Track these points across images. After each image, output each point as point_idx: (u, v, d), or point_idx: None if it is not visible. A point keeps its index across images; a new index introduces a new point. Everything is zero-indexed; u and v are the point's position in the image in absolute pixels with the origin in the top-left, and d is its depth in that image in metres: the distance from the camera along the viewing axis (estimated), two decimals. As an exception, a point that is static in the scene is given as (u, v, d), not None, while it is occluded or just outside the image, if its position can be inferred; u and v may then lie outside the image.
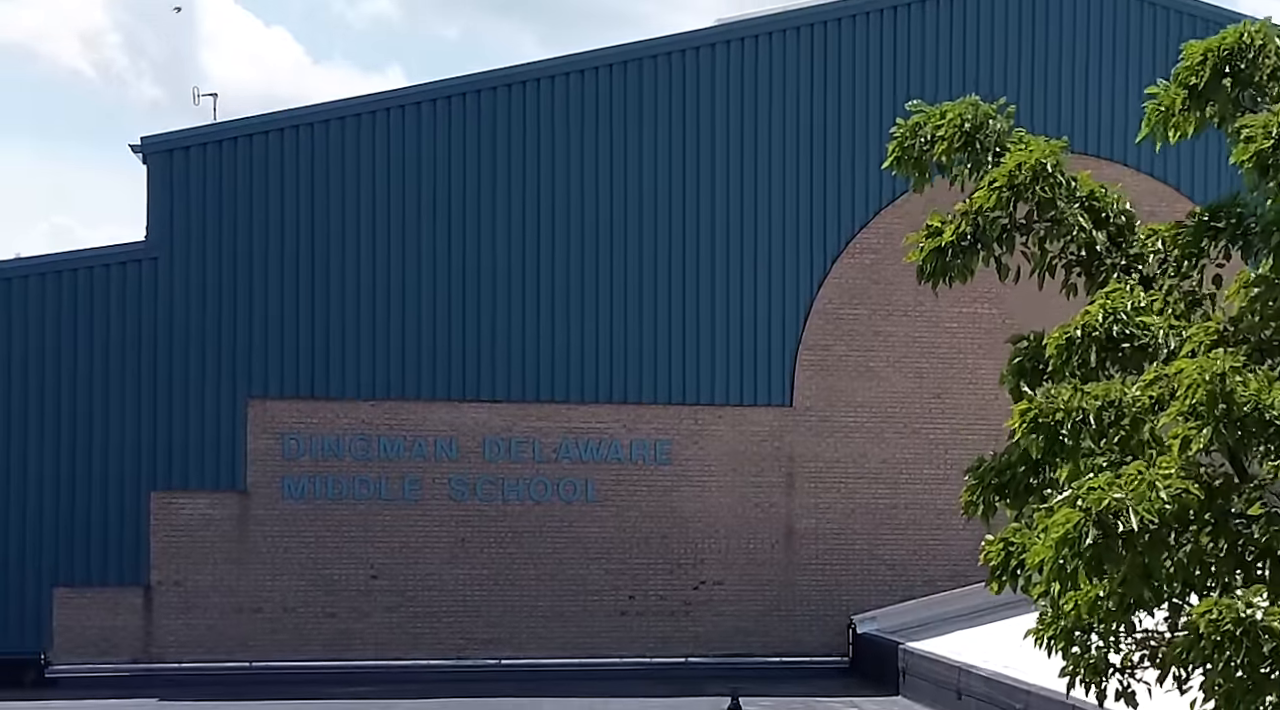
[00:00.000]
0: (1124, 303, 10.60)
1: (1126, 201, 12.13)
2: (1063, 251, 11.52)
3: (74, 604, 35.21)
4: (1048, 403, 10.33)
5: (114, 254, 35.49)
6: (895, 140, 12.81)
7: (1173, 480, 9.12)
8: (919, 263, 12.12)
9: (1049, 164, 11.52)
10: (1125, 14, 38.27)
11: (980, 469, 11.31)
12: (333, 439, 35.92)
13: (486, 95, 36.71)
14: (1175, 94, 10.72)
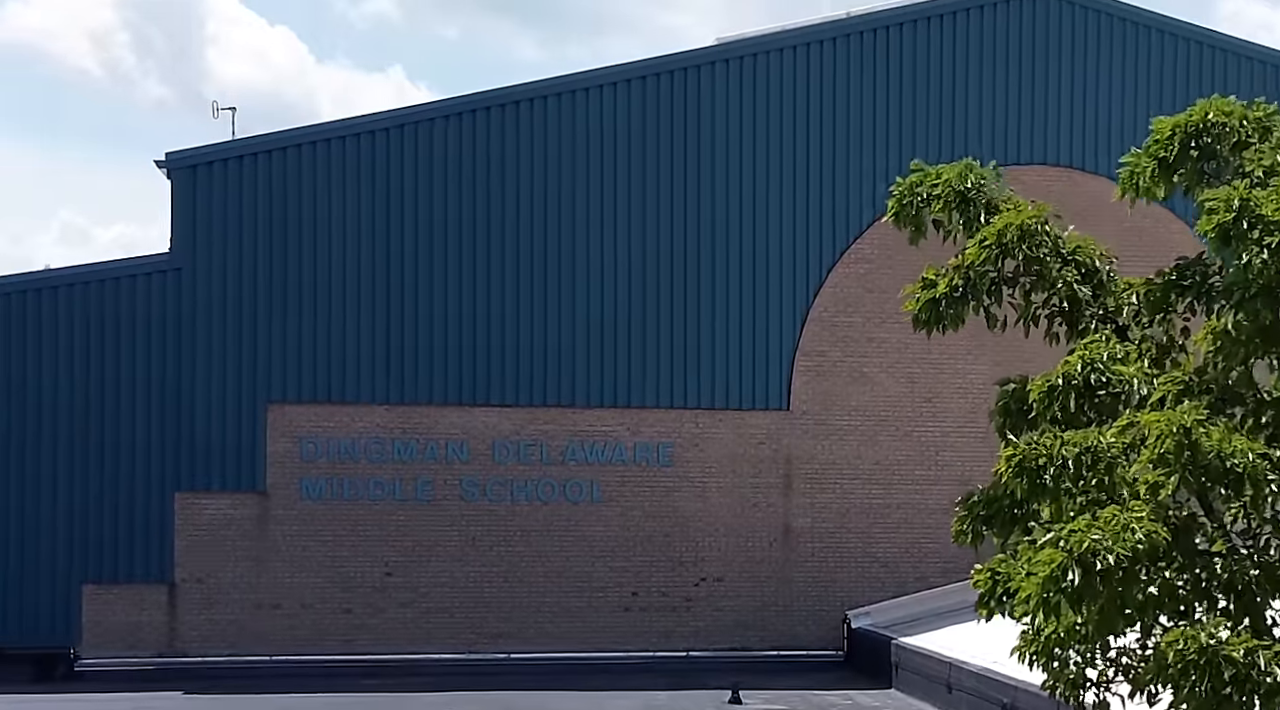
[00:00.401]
0: (1101, 353, 11.14)
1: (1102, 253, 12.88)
2: (1046, 302, 11.99)
3: (102, 600, 35.49)
4: (1031, 449, 10.76)
5: (139, 265, 35.68)
6: (895, 197, 13.38)
7: (1144, 522, 9.64)
8: (915, 312, 12.63)
9: (1036, 224, 12.15)
10: (1109, 34, 38.47)
11: (970, 502, 11.76)
12: (349, 442, 36.17)
13: (495, 112, 36.84)
14: (1146, 164, 11.34)
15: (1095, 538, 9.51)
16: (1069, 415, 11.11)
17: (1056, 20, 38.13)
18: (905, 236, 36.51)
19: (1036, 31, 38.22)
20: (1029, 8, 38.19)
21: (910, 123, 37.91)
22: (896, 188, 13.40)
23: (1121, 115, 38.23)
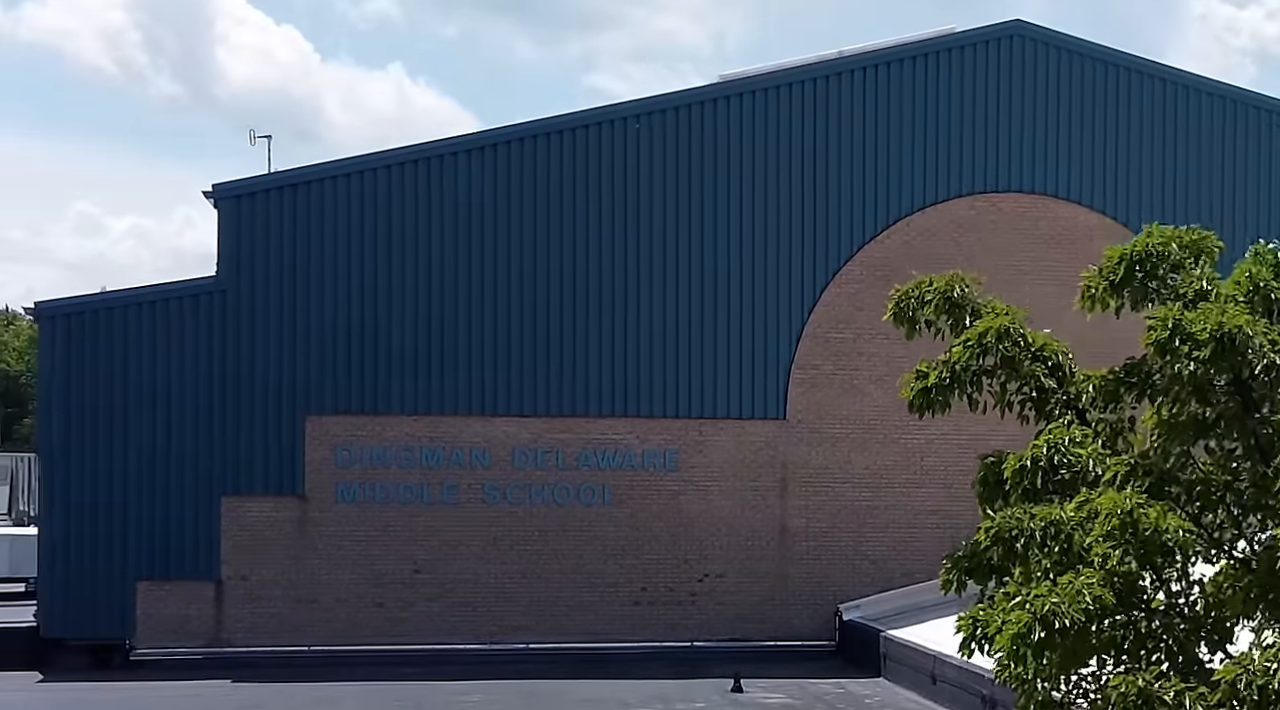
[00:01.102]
0: (1063, 437, 12.21)
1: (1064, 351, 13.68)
2: (1018, 391, 13.05)
3: (154, 595, 36.21)
4: (1005, 522, 11.88)
5: (189, 288, 36.31)
6: (893, 300, 14.28)
7: (1094, 588, 10.78)
8: (910, 399, 13.55)
9: (1011, 327, 13.14)
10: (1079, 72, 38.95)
11: (955, 556, 12.73)
12: (380, 450, 36.88)
13: (514, 146, 37.47)
14: (1100, 283, 12.52)
15: (1054, 602, 10.69)
16: (1036, 490, 12.19)
17: (1031, 60, 38.60)
18: (891, 259, 37.09)
19: (1013, 70, 38.70)
20: (1005, 48, 38.69)
21: (897, 154, 38.38)
22: (896, 292, 14.30)
23: (1091, 147, 38.89)
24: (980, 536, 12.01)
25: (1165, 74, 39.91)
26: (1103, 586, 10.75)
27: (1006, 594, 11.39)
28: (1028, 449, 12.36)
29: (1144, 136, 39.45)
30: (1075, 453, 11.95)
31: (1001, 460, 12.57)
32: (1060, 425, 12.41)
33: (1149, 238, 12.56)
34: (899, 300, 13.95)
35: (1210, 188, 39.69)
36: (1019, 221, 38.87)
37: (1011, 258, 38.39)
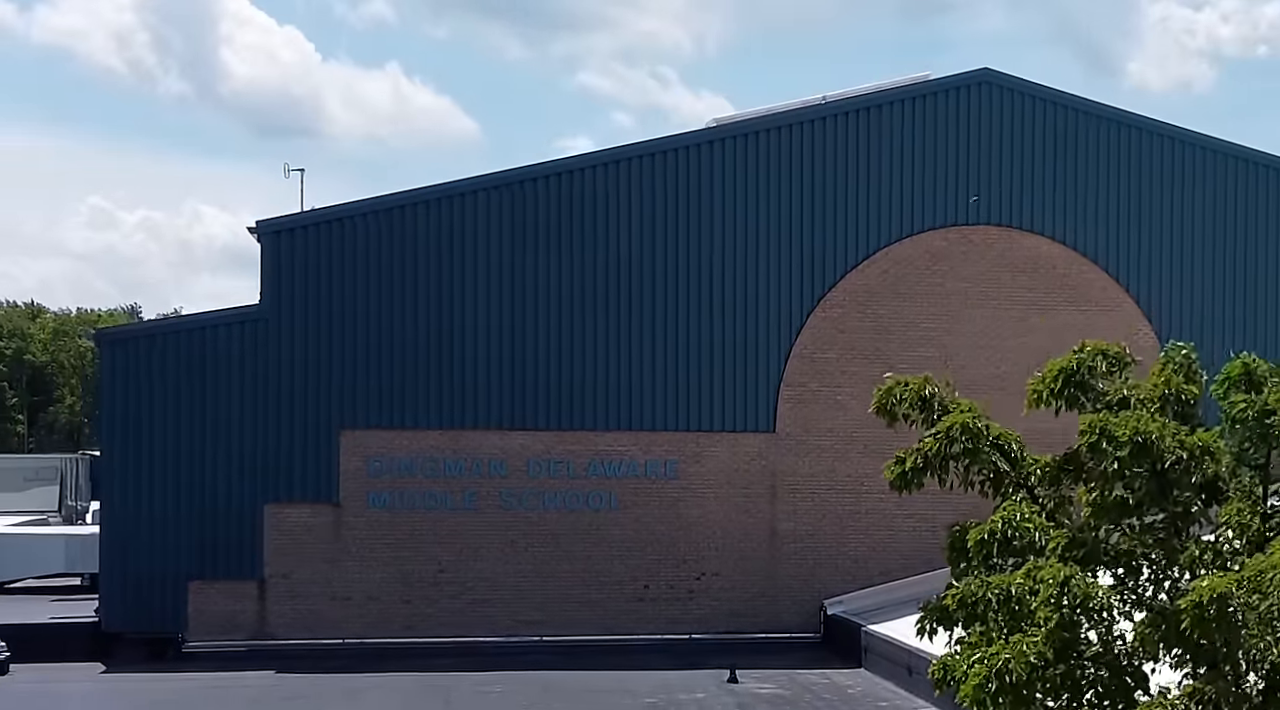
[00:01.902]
0: (1015, 513, 13.40)
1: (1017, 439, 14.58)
2: (979, 472, 14.17)
3: (204, 593, 36.95)
4: (967, 590, 13.17)
5: (235, 316, 37.12)
6: (876, 397, 15.14)
7: (1036, 646, 12.15)
8: (891, 479, 14.54)
9: (971, 422, 14.15)
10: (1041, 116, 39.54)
11: (929, 606, 13.93)
12: (408, 460, 37.50)
13: (529, 185, 38.14)
14: (1043, 389, 13.83)
15: (1006, 657, 12.11)
16: (993, 562, 13.44)
17: (999, 105, 39.22)
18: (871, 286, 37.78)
19: (981, 114, 39.28)
20: (974, 94, 39.36)
21: (876, 190, 38.98)
22: (878, 391, 15.24)
23: (1052, 184, 39.52)
24: (948, 600, 13.32)
25: (1117, 116, 40.34)
26: (1045, 643, 12.07)
27: (970, 644, 12.76)
28: (987, 523, 13.57)
29: (1099, 174, 39.95)
30: (1024, 526, 13.20)
31: (966, 530, 13.81)
32: (1013, 502, 13.67)
33: (1080, 353, 13.87)
34: (881, 398, 14.89)
35: (1157, 220, 40.22)
36: (988, 251, 39.43)
37: (981, 284, 39.24)
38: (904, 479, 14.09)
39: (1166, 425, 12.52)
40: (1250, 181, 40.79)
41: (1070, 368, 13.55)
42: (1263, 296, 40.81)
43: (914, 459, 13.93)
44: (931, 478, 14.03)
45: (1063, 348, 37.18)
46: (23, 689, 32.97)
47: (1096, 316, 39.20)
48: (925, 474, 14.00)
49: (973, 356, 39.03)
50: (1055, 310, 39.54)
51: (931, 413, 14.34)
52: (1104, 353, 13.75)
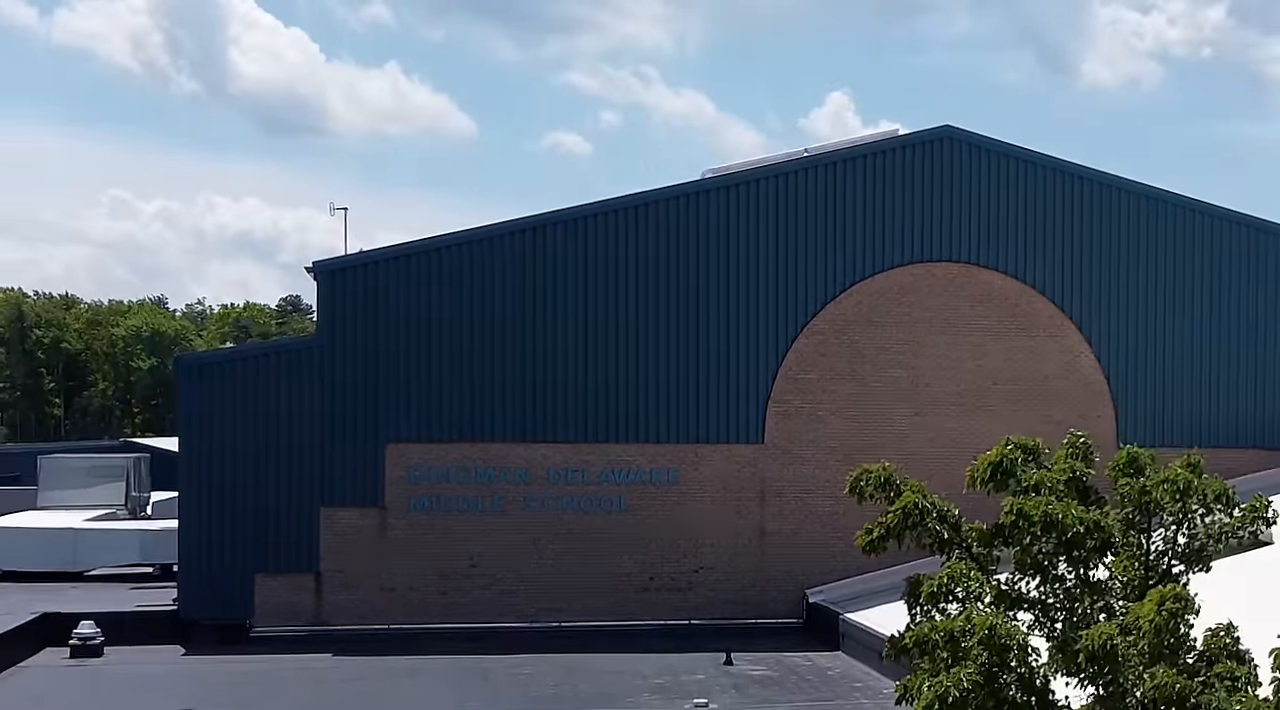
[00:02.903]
0: (958, 570, 15.44)
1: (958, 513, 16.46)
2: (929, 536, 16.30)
3: (269, 585, 37.97)
4: (919, 632, 15.13)
5: (295, 345, 38.86)
6: (850, 480, 17.04)
7: (971, 675, 14.17)
8: (862, 545, 16.68)
9: (919, 501, 16.14)
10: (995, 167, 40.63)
11: (894, 641, 16.00)
12: (444, 469, 38.48)
13: (549, 228, 39.07)
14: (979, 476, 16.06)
15: (948, 685, 14.17)
16: (944, 606, 15.42)
17: (958, 157, 40.27)
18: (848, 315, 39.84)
19: (943, 165, 40.24)
20: (937, 148, 40.36)
21: (853, 232, 39.91)
22: (849, 476, 17.12)
23: (1006, 225, 40.58)
24: (907, 640, 15.46)
25: (1060, 166, 41.01)
26: (977, 674, 14.29)
27: (923, 669, 15.03)
28: (936, 576, 15.64)
29: (1046, 216, 40.81)
30: (964, 580, 15.40)
31: (920, 582, 15.88)
32: (956, 561, 15.87)
33: (1004, 448, 16.07)
34: (853, 482, 16.88)
35: (1097, 256, 40.91)
36: (949, 285, 40.35)
37: (943, 313, 40.26)
38: (872, 545, 16.50)
39: (1069, 504, 15.13)
40: (1178, 222, 41.50)
41: (997, 461, 15.96)
42: (1189, 321, 41.55)
43: (879, 530, 16.32)
44: (893, 543, 16.31)
45: (1014, 368, 39.06)
46: (116, 670, 34.10)
47: (1043, 341, 40.62)
48: (888, 540, 16.31)
49: (936, 376, 40.38)
50: (1008, 336, 40.56)
51: (891, 493, 16.45)
52: (1023, 447, 16.09)
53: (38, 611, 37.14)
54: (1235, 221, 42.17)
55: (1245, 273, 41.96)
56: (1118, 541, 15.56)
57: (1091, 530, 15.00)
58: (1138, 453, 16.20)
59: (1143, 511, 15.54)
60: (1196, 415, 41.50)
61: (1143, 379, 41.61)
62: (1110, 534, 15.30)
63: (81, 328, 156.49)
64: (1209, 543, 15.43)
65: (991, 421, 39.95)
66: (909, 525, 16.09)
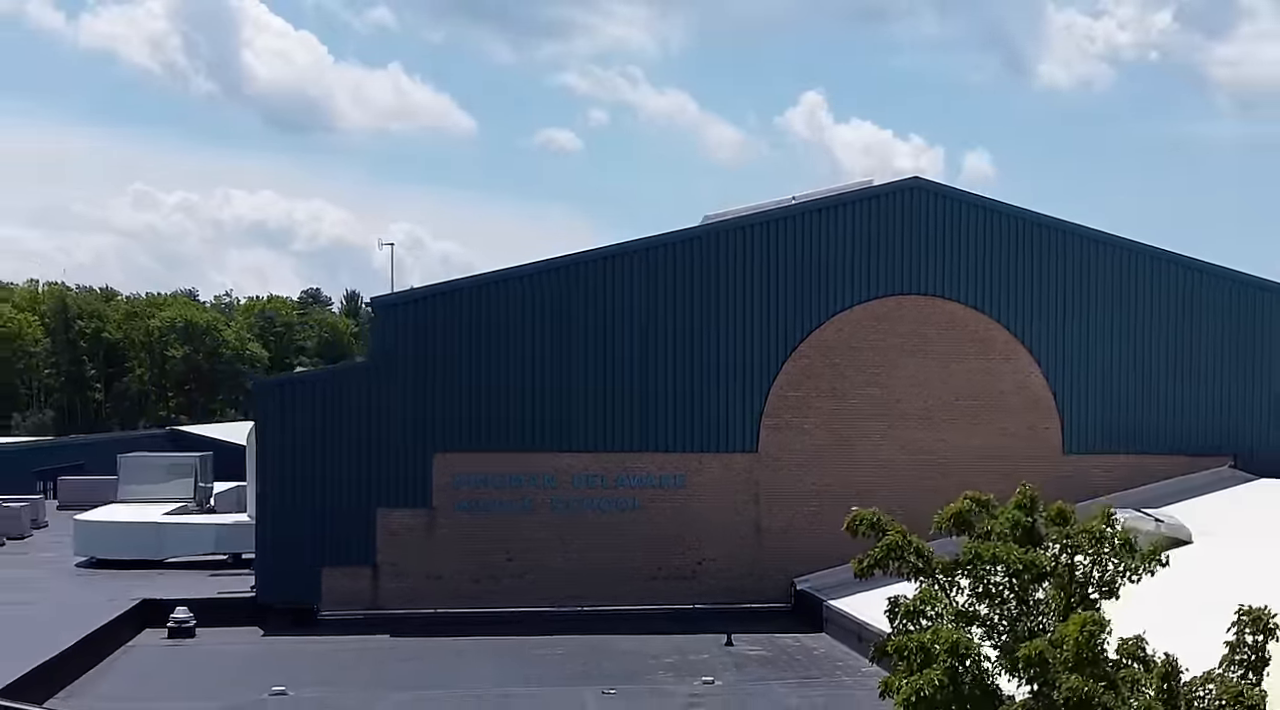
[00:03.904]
0: (928, 594, 17.84)
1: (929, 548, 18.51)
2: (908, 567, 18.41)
3: (334, 576, 39.75)
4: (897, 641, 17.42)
5: (356, 368, 40.85)
6: (846, 522, 19.15)
7: (939, 675, 16.60)
8: (856, 571, 18.84)
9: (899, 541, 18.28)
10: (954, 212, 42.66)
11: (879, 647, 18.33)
12: (483, 476, 40.14)
13: (571, 268, 41.08)
14: (943, 524, 18.70)
15: (920, 684, 16.66)
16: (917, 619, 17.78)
17: (925, 204, 42.35)
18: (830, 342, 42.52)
19: (913, 211, 42.24)
20: (907, 196, 42.42)
21: (834, 269, 41.94)
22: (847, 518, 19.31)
23: (966, 262, 42.64)
24: (889, 648, 17.99)
25: (1013, 211, 43.02)
26: (943, 675, 16.85)
27: (901, 671, 17.52)
28: (911, 599, 18.06)
29: (1000, 254, 42.87)
30: (933, 602, 17.96)
31: (899, 602, 18.24)
32: (927, 586, 18.34)
33: (963, 502, 18.72)
34: (849, 523, 19.23)
35: (1046, 288, 42.97)
36: (917, 314, 42.38)
37: (913, 339, 42.47)
38: (863, 571, 19.00)
39: (1011, 548, 18.17)
40: (1113, 260, 43.60)
41: (958, 511, 19.07)
42: (1122, 345, 43.75)
43: (869, 561, 18.85)
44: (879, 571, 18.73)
45: (974, 386, 41.74)
46: (208, 648, 35.82)
47: (999, 363, 43.01)
48: (874, 570, 18.78)
49: (906, 393, 42.82)
50: (968, 358, 42.94)
51: (878, 532, 18.93)
52: (977, 501, 19.01)
53: (137, 598, 38.80)
54: (1162, 258, 44.25)
55: (1169, 303, 44.01)
56: (1049, 574, 18.46)
57: (1028, 567, 17.94)
58: (1065, 508, 19.06)
59: (1068, 552, 18.51)
60: (1130, 426, 43.81)
61: (1084, 395, 43.84)
62: (1043, 569, 18.21)
63: (120, 319, 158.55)
64: (1118, 577, 18.40)
65: (954, 433, 42.86)
66: (891, 558, 18.57)
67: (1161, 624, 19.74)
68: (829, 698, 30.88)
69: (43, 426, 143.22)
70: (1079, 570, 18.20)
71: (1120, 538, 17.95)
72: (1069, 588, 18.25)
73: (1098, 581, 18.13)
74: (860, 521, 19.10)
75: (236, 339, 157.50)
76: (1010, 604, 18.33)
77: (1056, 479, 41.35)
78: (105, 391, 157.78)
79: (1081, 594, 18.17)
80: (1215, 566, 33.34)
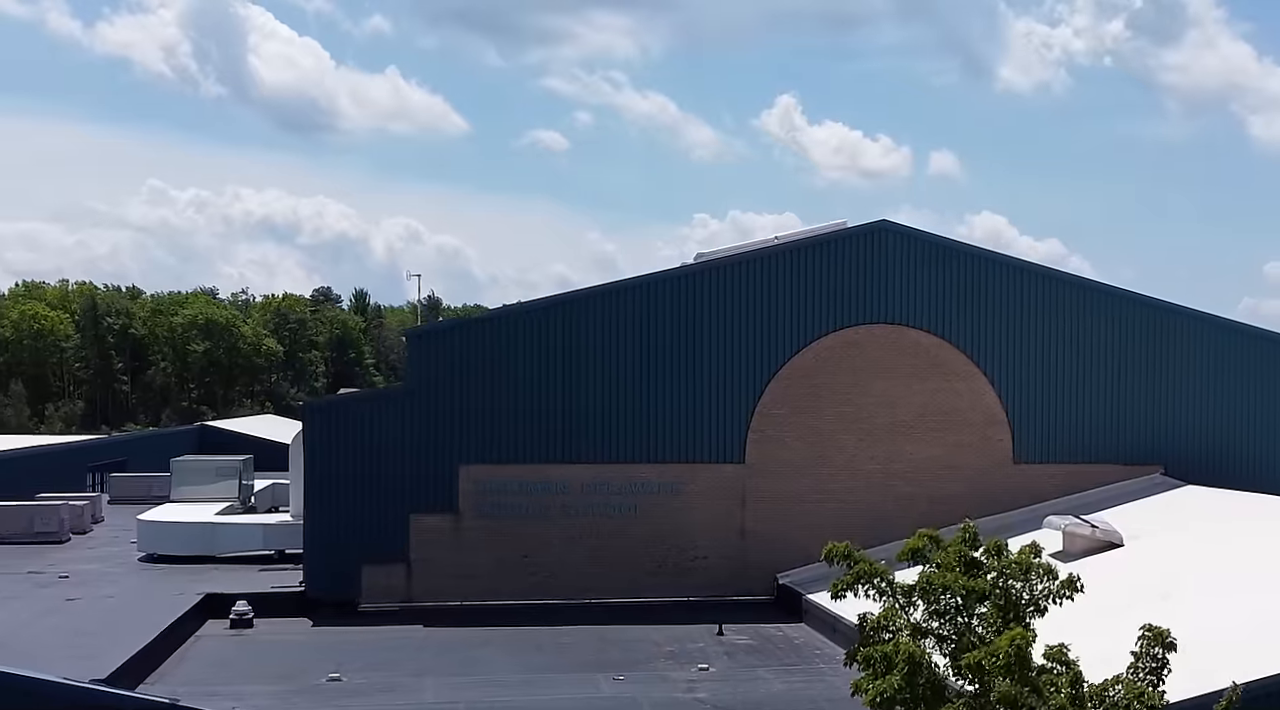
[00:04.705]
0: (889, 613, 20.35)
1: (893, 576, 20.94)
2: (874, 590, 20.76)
3: (373, 572, 41.59)
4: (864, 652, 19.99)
5: (392, 393, 43.01)
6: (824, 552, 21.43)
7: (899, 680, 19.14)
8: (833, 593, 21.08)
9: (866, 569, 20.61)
10: (919, 250, 44.79)
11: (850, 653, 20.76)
12: (502, 484, 42.08)
13: (579, 303, 43.19)
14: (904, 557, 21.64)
15: (884, 687, 19.21)
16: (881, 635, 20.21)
17: (892, 244, 44.58)
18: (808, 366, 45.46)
19: (881, 251, 44.47)
20: (876, 238, 44.59)
21: (812, 301, 44.01)
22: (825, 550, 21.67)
23: (927, 295, 44.68)
24: (857, 655, 20.55)
25: (968, 250, 45.48)
26: (901, 680, 19.40)
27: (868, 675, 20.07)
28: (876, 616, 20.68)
29: (958, 287, 45.03)
30: (894, 618, 20.60)
31: (866, 617, 20.82)
32: (889, 605, 20.86)
33: (919, 540, 21.34)
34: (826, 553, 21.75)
35: (997, 316, 45.22)
36: (885, 341, 44.47)
37: (882, 363, 44.75)
38: (838, 594, 21.60)
39: (957, 576, 21.21)
40: (1058, 291, 45.94)
41: (915, 547, 22.09)
42: (1066, 366, 46.08)
43: (841, 586, 21.47)
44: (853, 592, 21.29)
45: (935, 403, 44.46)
46: (266, 637, 37.22)
47: (957, 383, 45.43)
48: (845, 592, 21.40)
49: (876, 411, 45.19)
50: (929, 379, 45.31)
51: (850, 561, 21.53)
52: (930, 537, 21.95)
53: (201, 592, 40.88)
54: (1101, 291, 46.81)
55: (1106, 329, 46.38)
56: (987, 597, 21.43)
57: (970, 592, 20.97)
58: (1000, 543, 21.99)
59: (1003, 578, 21.57)
60: (1072, 438, 46.35)
61: (1031, 410, 46.34)
62: (983, 593, 21.20)
63: (146, 316, 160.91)
64: (1042, 599, 21.41)
65: (918, 444, 45.47)
66: (860, 583, 21.36)
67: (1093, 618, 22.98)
68: (808, 684, 32.50)
69: (73, 416, 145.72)
70: (1012, 593, 21.07)
71: (1044, 567, 20.91)
72: (1004, 607, 21.17)
73: (1026, 603, 21.06)
74: (834, 553, 21.70)
75: (253, 334, 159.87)
76: (957, 621, 21.15)
77: (1007, 485, 44.97)
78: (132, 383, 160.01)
79: (1015, 612, 21.10)
80: (1143, 566, 35.99)
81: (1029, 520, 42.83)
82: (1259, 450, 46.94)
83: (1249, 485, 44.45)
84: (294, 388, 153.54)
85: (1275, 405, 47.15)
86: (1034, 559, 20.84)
